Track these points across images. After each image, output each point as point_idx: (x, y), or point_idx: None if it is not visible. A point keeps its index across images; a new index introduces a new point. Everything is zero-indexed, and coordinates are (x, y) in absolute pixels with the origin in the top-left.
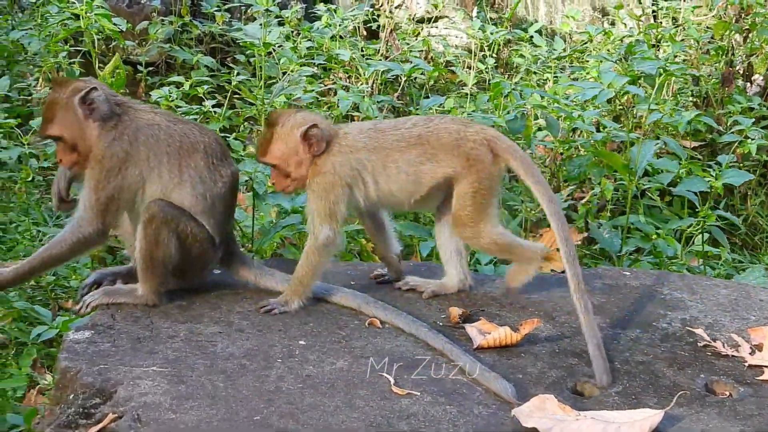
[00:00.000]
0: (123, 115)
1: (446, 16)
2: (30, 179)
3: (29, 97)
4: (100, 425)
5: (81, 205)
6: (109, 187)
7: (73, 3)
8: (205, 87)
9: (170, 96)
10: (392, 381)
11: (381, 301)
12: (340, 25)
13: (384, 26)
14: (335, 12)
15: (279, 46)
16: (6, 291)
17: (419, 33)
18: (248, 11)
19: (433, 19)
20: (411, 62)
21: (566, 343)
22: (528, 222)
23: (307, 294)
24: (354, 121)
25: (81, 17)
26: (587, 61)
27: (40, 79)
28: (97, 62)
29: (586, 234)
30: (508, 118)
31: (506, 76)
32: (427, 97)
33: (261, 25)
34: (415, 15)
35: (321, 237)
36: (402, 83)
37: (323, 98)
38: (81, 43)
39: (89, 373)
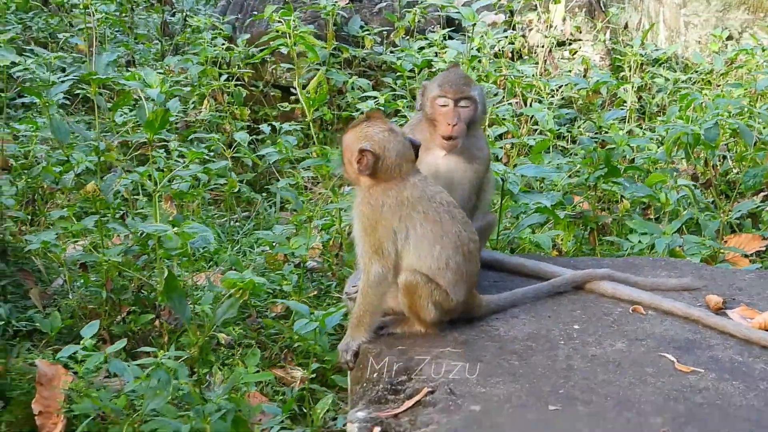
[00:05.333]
0: None
1: (579, 39)
2: (236, 190)
3: (191, 119)
4: (417, 398)
5: None
6: None
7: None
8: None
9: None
10: (675, 360)
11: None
12: (492, 47)
13: (528, 47)
14: (486, 34)
15: (429, 67)
16: None
17: (561, 54)
18: (389, 35)
19: (567, 42)
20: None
21: None
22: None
23: (369, 333)
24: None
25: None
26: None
27: (205, 101)
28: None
29: None
30: (706, 126)
31: (650, 95)
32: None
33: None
34: (555, 37)
35: (372, 275)
36: (578, 98)
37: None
38: (228, 66)
39: (391, 353)
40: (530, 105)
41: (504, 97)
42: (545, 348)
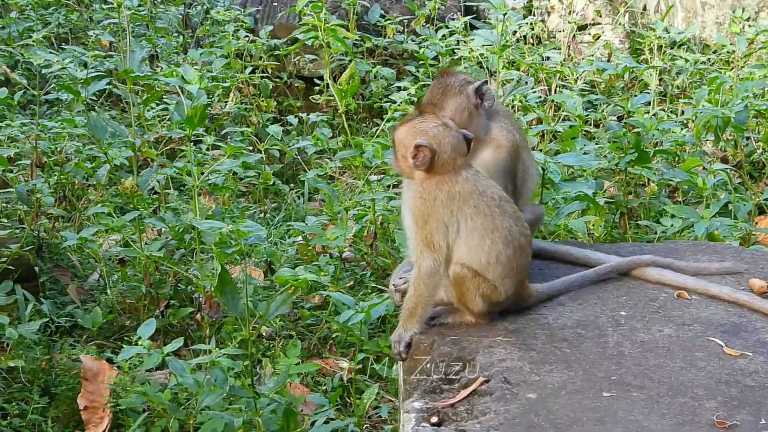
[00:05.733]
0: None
1: (598, 23)
2: (272, 182)
3: (216, 112)
4: (472, 387)
5: None
6: None
7: (307, 14)
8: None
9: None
10: (723, 344)
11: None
12: (514, 33)
13: (548, 32)
14: (509, 21)
15: (452, 55)
16: None
17: (580, 38)
18: (409, 24)
19: (585, 27)
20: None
21: None
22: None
23: (421, 324)
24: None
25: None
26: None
27: (231, 94)
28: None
29: None
30: (736, 109)
31: (671, 78)
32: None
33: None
34: (577, 22)
35: (424, 267)
36: (601, 82)
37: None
38: (250, 59)
39: (443, 343)
40: (556, 91)
41: (534, 84)
42: (595, 335)
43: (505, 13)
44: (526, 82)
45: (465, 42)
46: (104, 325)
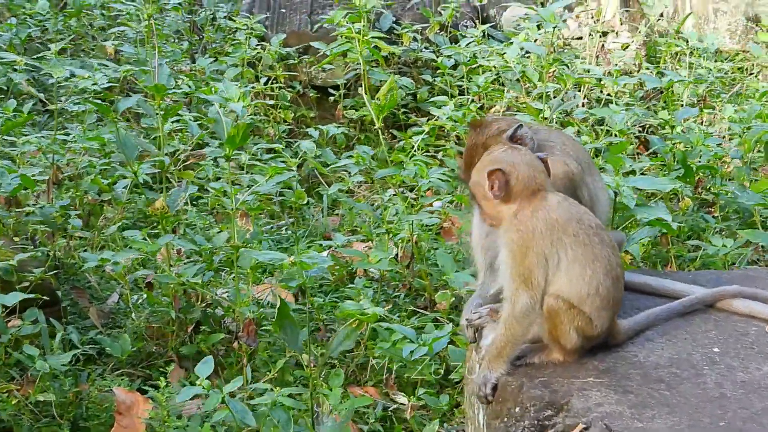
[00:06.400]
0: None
1: (614, 30)
2: (305, 202)
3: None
4: None
5: None
6: None
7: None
8: None
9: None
10: None
11: None
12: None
13: (564, 40)
14: (530, 30)
15: (469, 63)
16: None
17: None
18: (423, 31)
19: (605, 34)
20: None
21: None
22: None
23: (509, 365)
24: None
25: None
26: None
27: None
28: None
29: None
30: None
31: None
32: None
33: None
34: (600, 31)
35: (519, 305)
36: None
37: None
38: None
39: (533, 386)
40: (592, 104)
41: (582, 99)
42: (691, 374)
43: (555, 26)
44: (574, 96)
45: (497, 53)
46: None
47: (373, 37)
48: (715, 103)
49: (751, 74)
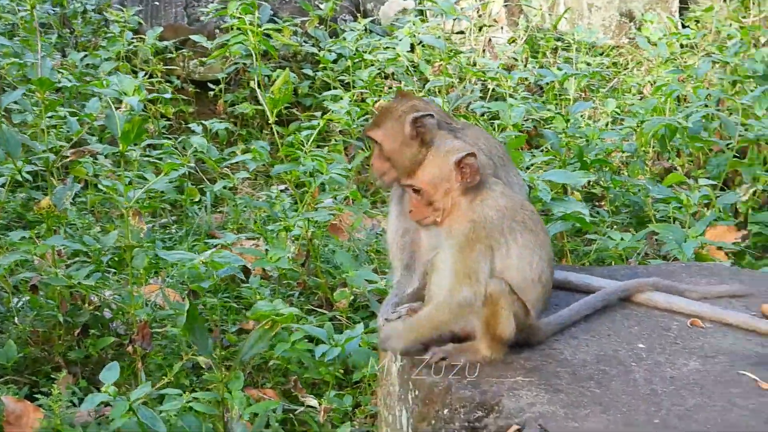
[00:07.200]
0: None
1: (493, 24)
2: (197, 199)
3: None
4: None
5: None
6: None
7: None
8: None
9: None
10: (756, 378)
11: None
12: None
13: (444, 34)
14: (414, 24)
15: (354, 57)
16: None
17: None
18: (302, 25)
19: (480, 28)
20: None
21: None
22: None
23: (412, 346)
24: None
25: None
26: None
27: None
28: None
29: (745, 231)
30: (693, 119)
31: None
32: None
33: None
34: (487, 24)
35: (458, 297)
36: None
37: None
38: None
39: (461, 386)
40: (487, 98)
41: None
42: (620, 371)
43: (456, 18)
44: (471, 91)
45: (385, 47)
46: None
47: (267, 29)
48: (595, 98)
49: (626, 69)
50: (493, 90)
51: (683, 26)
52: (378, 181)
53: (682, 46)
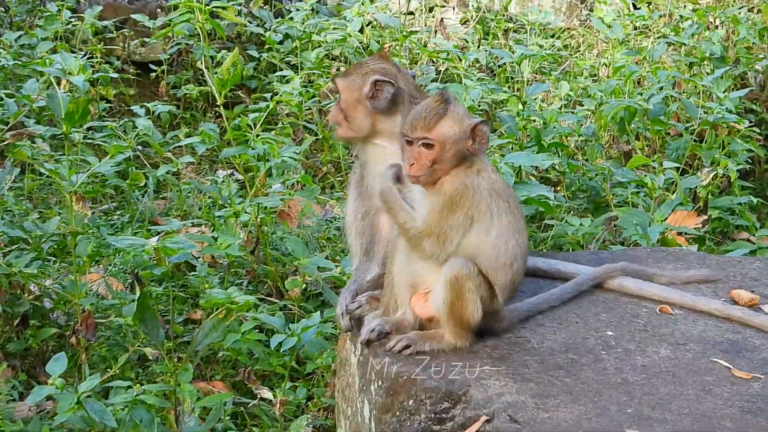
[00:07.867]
0: None
1: (444, 5)
2: (143, 184)
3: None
4: (474, 427)
5: None
6: None
7: None
8: None
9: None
10: (730, 366)
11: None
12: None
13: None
14: (363, 4)
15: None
16: None
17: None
18: (247, 4)
19: (428, 9)
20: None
21: None
22: None
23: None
24: None
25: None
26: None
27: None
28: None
29: (705, 217)
30: (654, 101)
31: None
32: None
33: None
34: (433, 4)
35: (421, 245)
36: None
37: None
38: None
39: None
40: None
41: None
42: (589, 360)
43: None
44: (424, 73)
45: (336, 28)
46: None
47: (216, 7)
48: (548, 80)
49: (578, 51)
50: (446, 71)
51: (635, 8)
52: (332, 132)
53: (635, 28)
